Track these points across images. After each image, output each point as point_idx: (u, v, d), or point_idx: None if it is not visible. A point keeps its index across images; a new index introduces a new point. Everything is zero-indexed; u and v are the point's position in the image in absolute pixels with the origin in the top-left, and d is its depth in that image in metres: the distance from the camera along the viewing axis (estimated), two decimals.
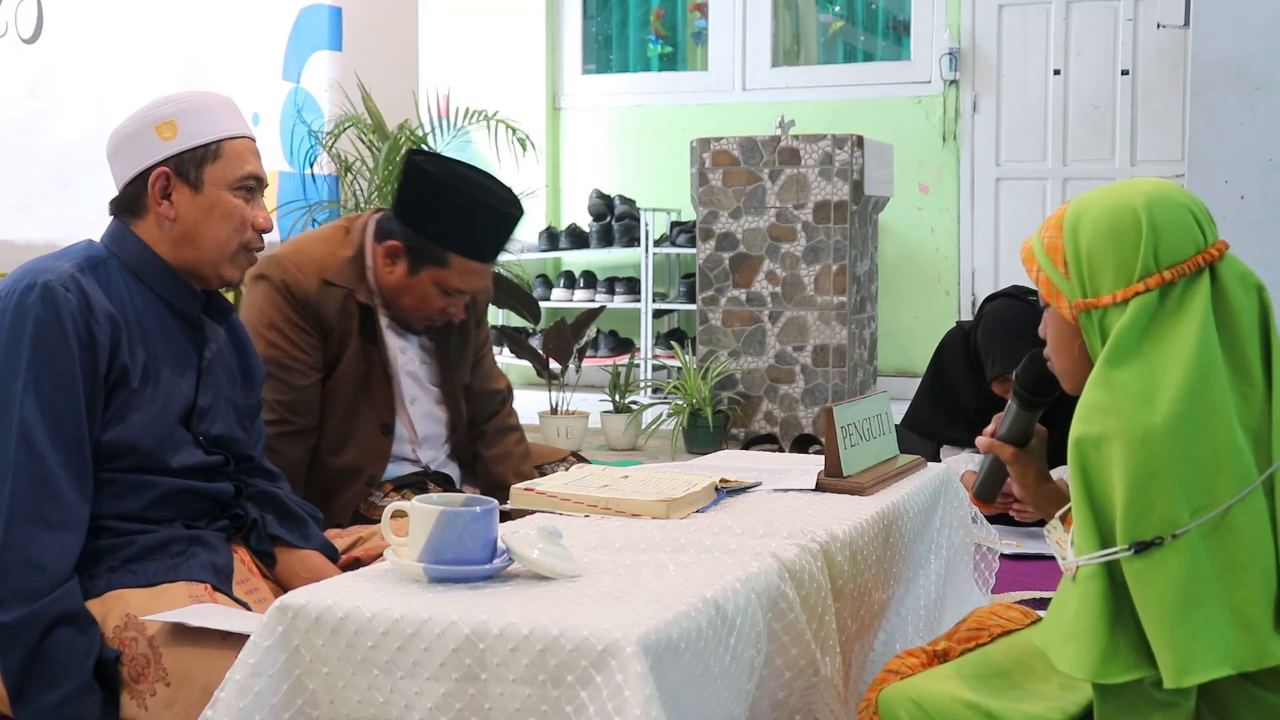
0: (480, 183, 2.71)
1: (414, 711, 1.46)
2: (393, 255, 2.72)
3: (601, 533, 1.86)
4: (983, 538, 2.63)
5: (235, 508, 2.16)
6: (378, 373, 2.78)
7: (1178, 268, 1.48)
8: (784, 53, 7.88)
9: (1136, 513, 1.40)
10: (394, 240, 2.71)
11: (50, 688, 1.84)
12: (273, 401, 2.65)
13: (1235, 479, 1.41)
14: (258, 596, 2.08)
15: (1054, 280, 1.57)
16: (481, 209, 2.68)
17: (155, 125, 2.07)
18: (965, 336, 3.80)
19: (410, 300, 2.74)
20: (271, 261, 2.74)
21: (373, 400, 2.78)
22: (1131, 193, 1.53)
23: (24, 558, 1.86)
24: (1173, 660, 1.38)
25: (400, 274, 2.72)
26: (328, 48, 6.33)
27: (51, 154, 4.78)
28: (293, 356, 2.70)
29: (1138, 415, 1.42)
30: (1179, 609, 1.38)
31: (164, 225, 2.08)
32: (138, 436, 2.01)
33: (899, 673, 1.70)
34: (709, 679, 1.54)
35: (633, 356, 6.44)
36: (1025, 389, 1.82)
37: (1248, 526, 1.41)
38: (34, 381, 1.91)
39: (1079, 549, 1.46)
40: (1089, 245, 1.52)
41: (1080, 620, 1.44)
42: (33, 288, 1.95)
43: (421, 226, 2.68)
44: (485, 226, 2.70)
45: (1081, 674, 1.44)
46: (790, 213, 5.57)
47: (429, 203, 2.68)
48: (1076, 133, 7.05)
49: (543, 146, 7.90)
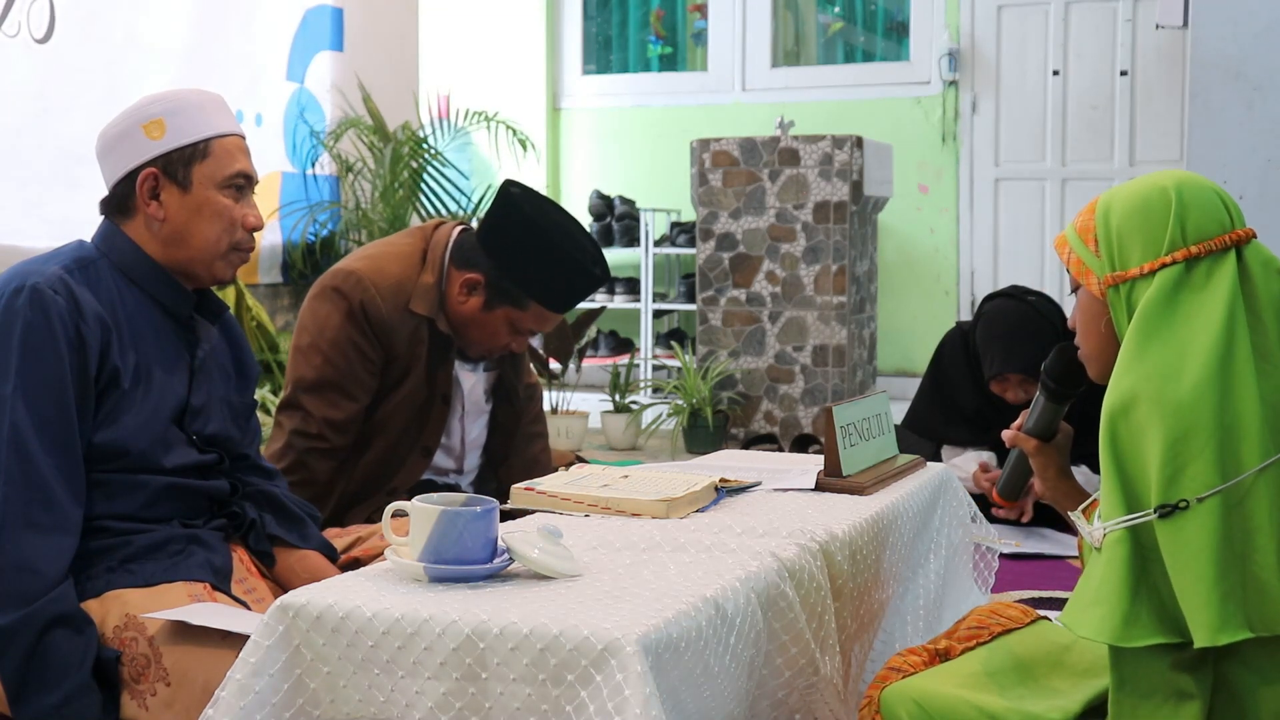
0: (572, 234, 2.65)
1: (415, 710, 1.46)
2: (470, 287, 2.66)
3: (601, 532, 1.86)
4: (982, 537, 2.63)
5: (232, 505, 2.16)
6: (437, 398, 2.74)
7: (1204, 244, 1.52)
8: (784, 53, 7.88)
9: (1169, 473, 1.43)
10: (475, 273, 2.65)
11: (49, 689, 1.83)
12: (319, 418, 2.62)
13: (1258, 449, 1.44)
14: (256, 596, 2.08)
15: (1084, 259, 1.60)
16: (571, 264, 2.62)
17: (143, 124, 2.05)
18: (965, 336, 3.81)
19: (478, 334, 2.69)
20: (349, 278, 2.67)
21: (424, 424, 2.74)
22: (1162, 176, 1.59)
23: (17, 561, 1.85)
24: (1205, 619, 1.40)
25: (474, 307, 2.66)
26: (329, 48, 6.33)
27: (62, 154, 4.78)
28: (349, 379, 2.64)
29: (1166, 385, 1.45)
30: (1214, 569, 1.41)
31: (153, 225, 2.06)
32: (130, 438, 2.00)
33: (900, 670, 1.70)
34: (709, 678, 1.54)
35: (633, 356, 6.45)
36: (1053, 379, 1.83)
37: (1265, 496, 1.44)
38: (24, 385, 1.90)
39: (1105, 515, 1.49)
40: (1120, 222, 1.57)
41: (1104, 585, 1.47)
42: (21, 290, 1.93)
43: (506, 265, 2.62)
44: (570, 281, 2.65)
45: (1104, 638, 1.46)
46: (790, 213, 5.58)
47: (519, 243, 2.61)
48: (1075, 133, 7.06)
49: (543, 147, 7.91)
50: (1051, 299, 3.78)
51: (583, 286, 2.68)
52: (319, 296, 2.69)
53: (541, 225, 2.61)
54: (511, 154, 6.51)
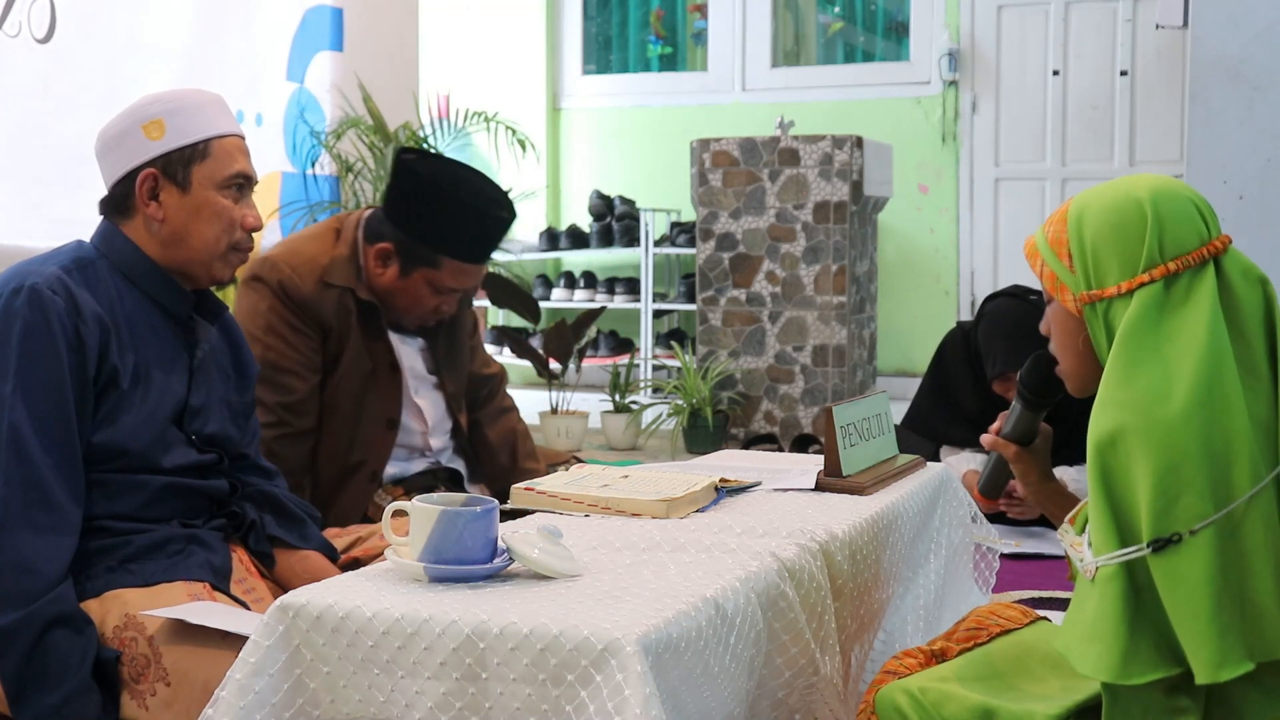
0: (471, 184, 2.70)
1: (415, 710, 1.46)
2: (384, 257, 2.71)
3: (601, 532, 1.86)
4: (982, 537, 2.63)
5: (231, 505, 2.16)
6: (383, 368, 2.77)
7: (1182, 259, 1.48)
8: (784, 53, 7.88)
9: (1160, 506, 1.40)
10: (384, 243, 2.70)
11: (49, 690, 1.84)
12: (272, 404, 2.64)
13: (1249, 471, 1.41)
14: (255, 596, 2.08)
15: (1059, 274, 1.56)
16: (472, 212, 2.66)
17: (143, 125, 2.05)
18: (966, 336, 3.81)
19: (403, 301, 2.74)
20: (265, 263, 2.72)
21: (378, 396, 2.77)
22: (1135, 186, 1.54)
23: (16, 561, 1.86)
24: (1206, 655, 1.38)
25: (392, 276, 2.71)
26: (329, 48, 6.33)
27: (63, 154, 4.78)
28: (290, 359, 2.68)
29: (1154, 409, 1.42)
30: (1210, 604, 1.38)
31: (152, 226, 2.06)
32: (128, 438, 2.00)
33: (897, 674, 1.70)
34: (709, 678, 1.54)
35: (633, 356, 6.45)
36: (1029, 389, 1.82)
37: (1259, 518, 1.41)
38: (22, 385, 1.91)
39: (1098, 549, 1.46)
40: (1094, 238, 1.52)
41: (1100, 622, 1.44)
42: (19, 291, 1.94)
43: (412, 229, 2.67)
44: (476, 229, 2.69)
45: (1103, 676, 1.43)
46: (790, 213, 5.58)
47: (419, 205, 2.66)
48: (1075, 133, 7.06)
49: (543, 147, 7.91)
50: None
51: (490, 233, 2.72)
52: (242, 290, 2.75)
53: (438, 182, 2.67)
54: (511, 154, 6.50)
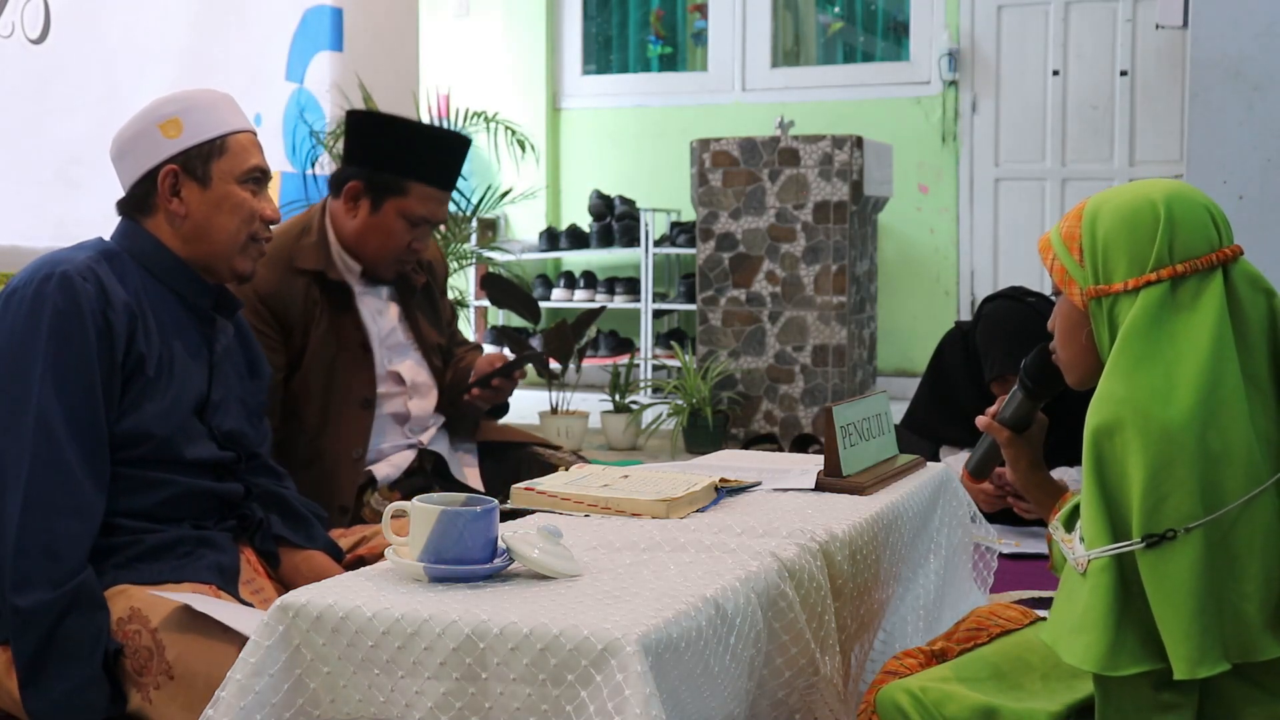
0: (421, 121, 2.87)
1: (415, 710, 1.46)
2: (354, 196, 2.77)
3: (601, 533, 1.86)
4: (982, 537, 2.63)
5: (243, 508, 2.17)
6: (353, 349, 2.78)
7: (1190, 263, 1.49)
8: (784, 53, 7.88)
9: (1151, 503, 1.41)
10: (351, 182, 2.77)
11: (62, 676, 1.86)
12: None
13: (1246, 476, 1.42)
14: (263, 596, 2.09)
15: (1068, 267, 1.58)
16: (427, 133, 2.83)
17: (160, 124, 2.10)
18: (965, 337, 3.80)
19: (377, 239, 2.77)
20: None
21: (351, 377, 2.78)
22: (1152, 188, 1.56)
23: (41, 544, 1.88)
24: (1185, 652, 1.40)
25: (364, 214, 2.76)
26: (329, 48, 6.33)
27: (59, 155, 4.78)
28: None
29: (1154, 408, 1.43)
30: (1194, 603, 1.40)
31: (175, 222, 2.11)
32: (153, 424, 2.03)
33: (897, 674, 1.70)
34: (709, 678, 1.54)
35: (633, 356, 6.45)
36: (1031, 378, 1.83)
37: (1253, 524, 1.42)
38: (52, 369, 1.94)
39: (1090, 542, 1.47)
40: (1106, 234, 1.54)
41: (1089, 613, 1.45)
42: (50, 277, 1.98)
43: (374, 161, 2.76)
44: (434, 151, 2.79)
45: (1089, 666, 1.45)
46: (790, 213, 5.58)
47: (376, 137, 2.78)
48: (1075, 133, 7.06)
49: (543, 147, 7.91)
50: (1050, 300, 3.78)
51: (449, 154, 2.82)
52: None
53: (391, 117, 2.84)
54: (511, 154, 6.50)
